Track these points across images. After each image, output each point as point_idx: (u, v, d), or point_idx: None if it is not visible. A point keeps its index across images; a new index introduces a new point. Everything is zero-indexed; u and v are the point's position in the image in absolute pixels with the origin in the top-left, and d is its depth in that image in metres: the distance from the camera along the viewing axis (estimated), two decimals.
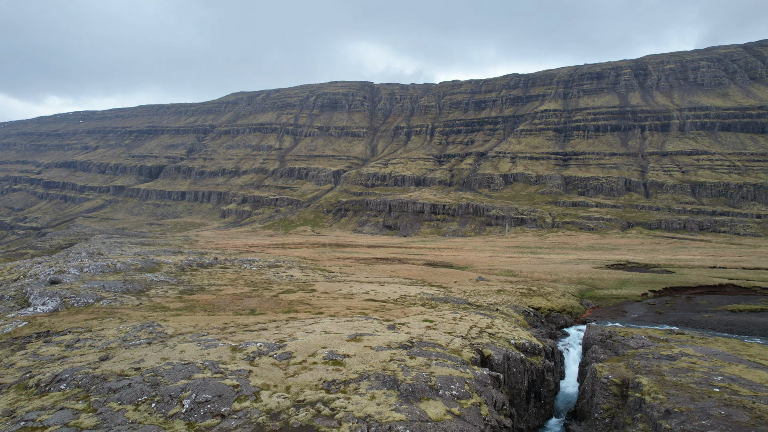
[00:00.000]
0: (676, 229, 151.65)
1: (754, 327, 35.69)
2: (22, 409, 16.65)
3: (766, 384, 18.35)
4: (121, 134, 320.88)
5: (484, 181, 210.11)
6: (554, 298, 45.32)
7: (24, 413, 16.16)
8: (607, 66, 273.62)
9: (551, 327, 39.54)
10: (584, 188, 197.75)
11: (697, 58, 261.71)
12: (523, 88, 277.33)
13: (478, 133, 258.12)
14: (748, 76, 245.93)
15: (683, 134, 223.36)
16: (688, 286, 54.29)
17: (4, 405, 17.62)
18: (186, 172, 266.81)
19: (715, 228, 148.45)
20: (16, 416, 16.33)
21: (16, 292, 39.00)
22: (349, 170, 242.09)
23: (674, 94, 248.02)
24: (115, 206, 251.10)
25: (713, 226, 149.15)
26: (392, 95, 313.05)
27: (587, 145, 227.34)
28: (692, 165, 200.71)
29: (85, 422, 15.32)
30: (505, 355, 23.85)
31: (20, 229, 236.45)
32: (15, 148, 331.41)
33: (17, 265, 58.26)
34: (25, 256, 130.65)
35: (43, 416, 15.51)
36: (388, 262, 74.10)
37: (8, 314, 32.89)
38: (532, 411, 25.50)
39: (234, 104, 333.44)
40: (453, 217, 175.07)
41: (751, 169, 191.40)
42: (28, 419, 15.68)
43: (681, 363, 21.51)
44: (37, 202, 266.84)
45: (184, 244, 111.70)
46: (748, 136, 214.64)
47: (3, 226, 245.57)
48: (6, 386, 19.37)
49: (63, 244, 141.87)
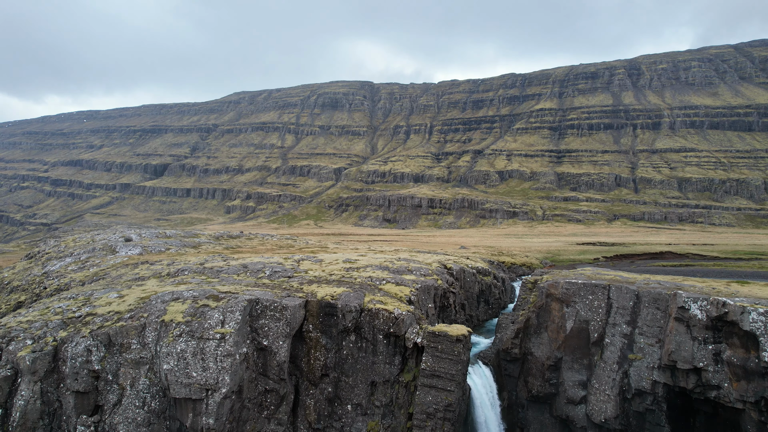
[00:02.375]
0: (658, 221, 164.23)
1: (662, 270, 48.25)
2: (167, 282, 29.61)
3: (622, 275, 30.84)
4: (125, 133, 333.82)
5: (480, 177, 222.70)
6: (519, 258, 57.96)
7: (170, 281, 29.13)
8: (602, 66, 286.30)
9: (512, 274, 52.21)
10: (576, 184, 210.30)
11: (689, 58, 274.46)
12: (520, 88, 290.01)
13: (475, 131, 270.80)
14: (738, 76, 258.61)
15: (673, 132, 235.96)
16: (635, 253, 66.86)
17: (155, 281, 30.35)
18: (190, 170, 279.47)
19: (693, 219, 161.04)
20: (166, 282, 29.24)
21: (103, 246, 51.88)
22: (350, 168, 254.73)
23: (666, 94, 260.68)
24: (122, 203, 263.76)
25: (692, 218, 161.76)
26: (392, 95, 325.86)
27: (581, 143, 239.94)
28: (680, 162, 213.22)
29: (210, 280, 28.14)
30: (462, 269, 36.60)
31: (31, 225, 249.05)
32: (21, 147, 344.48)
33: (77, 237, 70.96)
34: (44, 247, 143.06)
35: (182, 286, 28.17)
36: (386, 243, 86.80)
37: (107, 256, 45.84)
38: (482, 310, 38.30)
39: (236, 104, 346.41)
40: (449, 210, 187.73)
41: (735, 165, 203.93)
42: (176, 283, 28.70)
43: (575, 272, 34.18)
44: (45, 199, 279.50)
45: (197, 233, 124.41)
46: (735, 134, 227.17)
47: (13, 222, 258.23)
48: (145, 277, 32.19)
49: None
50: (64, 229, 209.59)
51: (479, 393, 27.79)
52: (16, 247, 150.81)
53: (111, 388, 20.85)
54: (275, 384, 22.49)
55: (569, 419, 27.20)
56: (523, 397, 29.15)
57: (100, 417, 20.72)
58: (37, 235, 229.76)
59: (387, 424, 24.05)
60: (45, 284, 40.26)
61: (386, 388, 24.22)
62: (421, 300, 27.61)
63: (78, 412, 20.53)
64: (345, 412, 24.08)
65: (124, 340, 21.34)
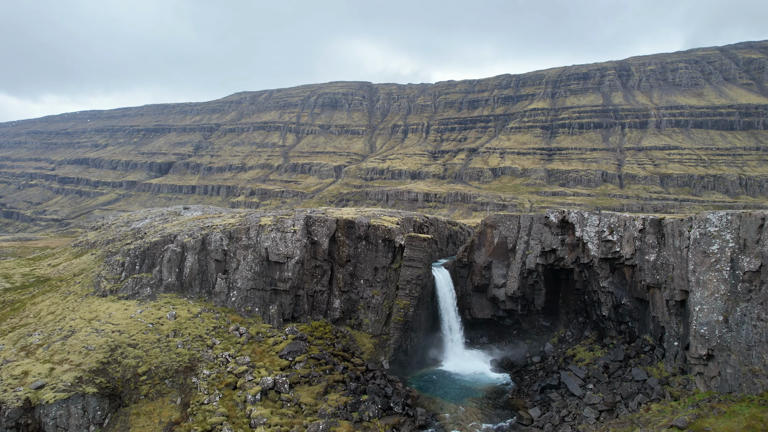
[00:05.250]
0: (635, 211, 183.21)
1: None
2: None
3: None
4: (129, 132, 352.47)
5: (475, 174, 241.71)
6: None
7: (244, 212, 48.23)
8: (594, 67, 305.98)
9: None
10: (565, 180, 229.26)
11: (677, 60, 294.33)
12: (515, 88, 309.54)
13: (471, 130, 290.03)
14: (722, 77, 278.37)
15: (659, 131, 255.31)
16: None
17: (236, 218, 48.91)
18: (194, 167, 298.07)
19: (667, 210, 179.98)
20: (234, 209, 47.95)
21: (169, 212, 70.95)
22: (350, 165, 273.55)
23: (654, 94, 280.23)
24: (129, 200, 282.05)
25: (665, 209, 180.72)
26: (390, 95, 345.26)
27: (571, 141, 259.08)
28: (664, 159, 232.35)
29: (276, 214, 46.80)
30: (435, 218, 55.41)
31: (42, 221, 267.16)
32: (26, 146, 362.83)
33: (128, 215, 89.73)
34: (76, 233, 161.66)
35: (264, 216, 46.64)
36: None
37: (176, 218, 64.52)
38: (450, 247, 57.11)
39: (238, 103, 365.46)
40: (443, 204, 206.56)
41: (715, 162, 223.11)
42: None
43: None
44: (54, 196, 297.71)
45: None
46: (717, 132, 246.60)
47: (24, 219, 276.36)
48: (226, 218, 50.70)
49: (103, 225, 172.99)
50: (77, 223, 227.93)
51: (441, 284, 46.41)
52: (46, 235, 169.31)
53: (233, 260, 39.48)
54: (321, 262, 41.21)
55: (495, 297, 45.78)
56: (469, 288, 47.75)
57: (227, 275, 39.30)
58: (49, 230, 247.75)
59: (384, 291, 42.75)
60: (145, 231, 58.91)
61: (383, 271, 42.91)
62: (404, 225, 46.36)
63: (216, 271, 39.18)
64: (359, 284, 42.74)
65: (238, 235, 39.97)
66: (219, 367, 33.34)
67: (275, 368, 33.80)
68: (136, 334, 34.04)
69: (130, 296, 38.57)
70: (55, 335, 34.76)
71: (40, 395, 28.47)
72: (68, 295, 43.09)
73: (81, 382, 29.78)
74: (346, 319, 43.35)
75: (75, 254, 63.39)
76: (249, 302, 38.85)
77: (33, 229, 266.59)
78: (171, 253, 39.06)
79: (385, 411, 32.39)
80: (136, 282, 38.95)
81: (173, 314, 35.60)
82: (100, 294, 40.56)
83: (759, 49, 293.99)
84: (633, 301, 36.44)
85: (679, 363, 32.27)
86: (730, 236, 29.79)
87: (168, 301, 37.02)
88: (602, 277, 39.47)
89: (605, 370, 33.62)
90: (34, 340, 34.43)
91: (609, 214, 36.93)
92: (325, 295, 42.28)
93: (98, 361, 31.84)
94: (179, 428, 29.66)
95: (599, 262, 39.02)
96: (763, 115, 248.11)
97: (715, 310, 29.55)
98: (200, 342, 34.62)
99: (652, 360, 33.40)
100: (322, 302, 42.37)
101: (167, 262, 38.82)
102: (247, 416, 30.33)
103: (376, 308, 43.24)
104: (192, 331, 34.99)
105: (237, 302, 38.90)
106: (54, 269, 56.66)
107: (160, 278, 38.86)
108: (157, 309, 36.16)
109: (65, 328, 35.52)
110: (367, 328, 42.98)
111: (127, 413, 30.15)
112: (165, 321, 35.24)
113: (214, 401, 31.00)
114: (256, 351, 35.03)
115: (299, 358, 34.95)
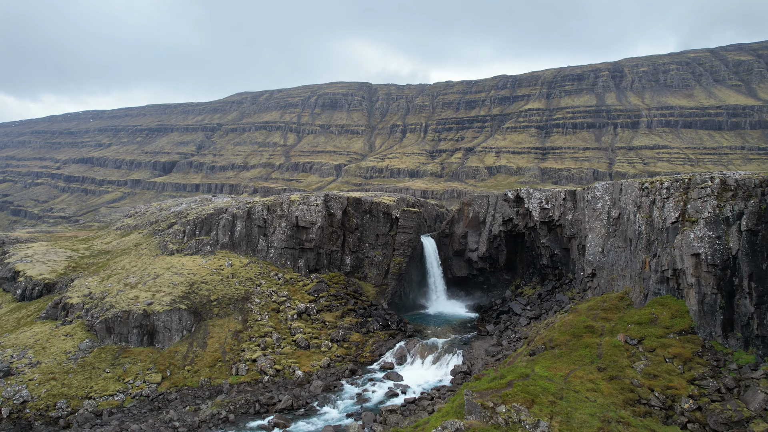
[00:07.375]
0: None
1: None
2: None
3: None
4: (132, 132, 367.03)
5: (471, 172, 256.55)
6: None
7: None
8: (588, 68, 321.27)
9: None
10: (558, 177, 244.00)
11: (669, 61, 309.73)
12: (511, 89, 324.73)
13: (468, 130, 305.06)
14: (712, 79, 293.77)
15: (650, 131, 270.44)
16: None
17: (267, 199, 63.63)
18: (197, 166, 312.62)
19: None
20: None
21: (198, 200, 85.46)
22: (350, 164, 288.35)
23: (645, 95, 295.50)
24: (134, 198, 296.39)
25: None
26: (389, 95, 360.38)
27: (565, 141, 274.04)
28: (653, 158, 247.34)
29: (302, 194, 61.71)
30: (425, 200, 70.32)
31: (50, 218, 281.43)
32: (30, 145, 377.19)
33: (159, 204, 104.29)
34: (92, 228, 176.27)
35: (293, 194, 61.45)
36: None
37: (207, 204, 79.14)
38: (438, 225, 71.84)
39: (239, 104, 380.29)
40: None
41: (702, 161, 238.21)
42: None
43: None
44: (60, 194, 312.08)
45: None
46: (706, 132, 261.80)
47: (32, 216, 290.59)
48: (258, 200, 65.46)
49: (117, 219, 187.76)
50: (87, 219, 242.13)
51: (429, 251, 61.06)
52: (64, 229, 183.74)
53: (270, 225, 54.05)
54: (336, 229, 55.87)
55: (470, 259, 60.37)
56: (450, 253, 62.36)
57: (266, 237, 53.87)
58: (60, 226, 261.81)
59: (383, 252, 57.42)
60: (186, 213, 73.26)
61: (383, 237, 57.59)
62: (399, 203, 61.11)
63: (259, 234, 53.83)
64: (365, 246, 57.36)
65: (274, 207, 54.57)
66: (266, 298, 47.63)
67: (305, 300, 48.17)
68: (206, 275, 48.38)
69: (194, 252, 52.88)
70: (145, 277, 49.29)
71: (151, 308, 42.97)
72: (141, 256, 57.65)
73: (175, 301, 44.35)
74: (355, 272, 57.71)
75: (121, 234, 77.92)
76: (283, 257, 53.09)
77: (42, 226, 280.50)
78: (225, 220, 53.28)
79: (385, 327, 47.03)
80: (198, 242, 53.21)
81: (229, 263, 49.92)
82: (168, 253, 55.06)
83: (748, 51, 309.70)
84: (562, 250, 51.85)
85: (582, 286, 47.64)
86: (608, 197, 45.39)
87: (224, 255, 51.38)
88: (542, 236, 54.24)
89: (539, 297, 48.89)
90: (131, 280, 48.96)
91: (545, 190, 51.94)
92: (339, 253, 56.60)
93: (183, 291, 46.35)
94: (242, 334, 44.10)
95: (540, 225, 53.72)
96: (750, 116, 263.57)
97: (598, 245, 45.31)
98: (251, 282, 48.93)
99: (570, 288, 48.55)
100: (337, 259, 56.72)
101: (222, 227, 53.06)
102: (288, 328, 44.67)
103: (378, 265, 57.50)
104: (244, 274, 49.29)
105: (274, 257, 53.12)
106: (109, 245, 71.31)
107: (217, 239, 53.06)
108: (217, 260, 50.47)
109: (151, 273, 50.00)
110: (371, 280, 57.35)
111: (206, 325, 44.62)
112: (224, 268, 49.51)
113: (264, 318, 45.35)
114: (290, 289, 49.24)
115: (322, 295, 49.36)
